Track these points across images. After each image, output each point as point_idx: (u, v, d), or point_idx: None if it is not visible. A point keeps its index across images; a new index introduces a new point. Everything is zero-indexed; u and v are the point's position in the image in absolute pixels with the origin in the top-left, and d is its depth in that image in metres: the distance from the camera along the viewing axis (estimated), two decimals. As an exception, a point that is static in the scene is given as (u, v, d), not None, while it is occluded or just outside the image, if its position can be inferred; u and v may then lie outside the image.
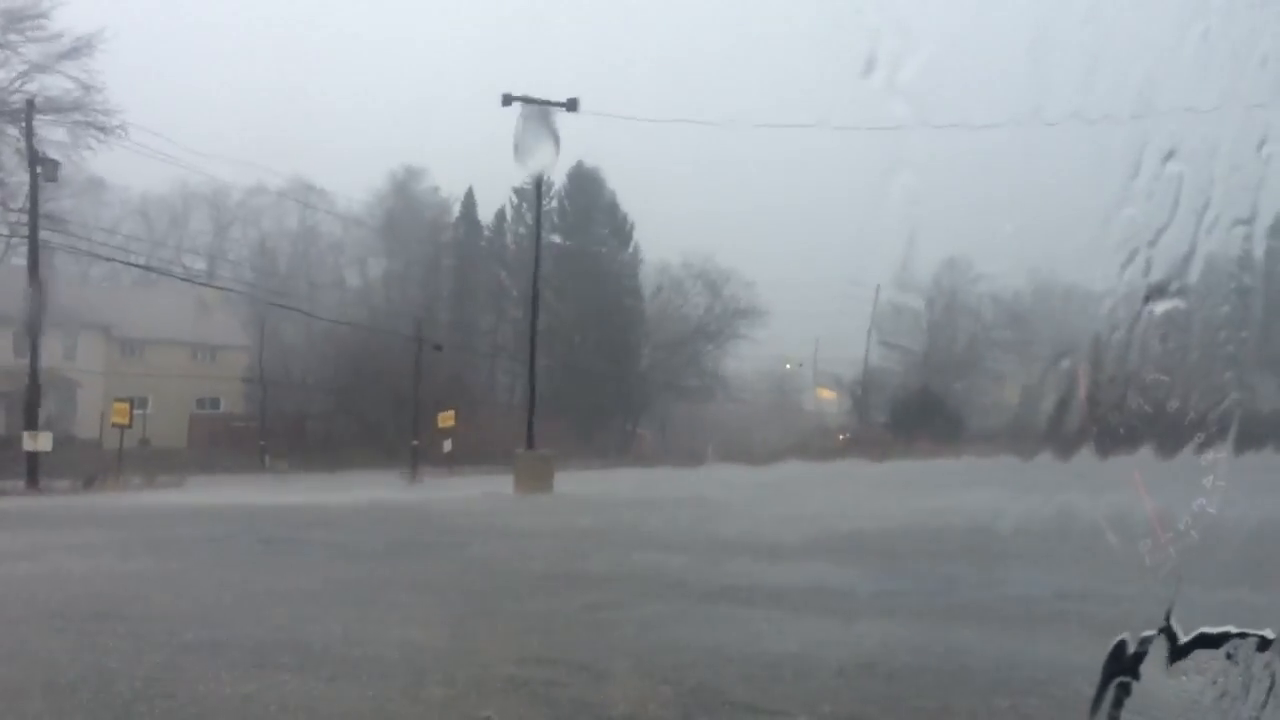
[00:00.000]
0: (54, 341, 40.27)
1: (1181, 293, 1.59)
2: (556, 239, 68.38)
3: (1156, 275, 1.59)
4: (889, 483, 24.33)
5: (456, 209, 73.00)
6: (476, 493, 24.97)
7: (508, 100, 28.97)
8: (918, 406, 55.69)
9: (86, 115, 40.51)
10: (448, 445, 46.66)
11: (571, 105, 28.88)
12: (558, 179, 67.72)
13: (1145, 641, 1.47)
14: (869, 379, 62.54)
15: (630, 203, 68.88)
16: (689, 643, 7.02)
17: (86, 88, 41.01)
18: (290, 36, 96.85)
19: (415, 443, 48.54)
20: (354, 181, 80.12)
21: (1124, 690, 1.46)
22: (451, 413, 47.71)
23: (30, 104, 34.36)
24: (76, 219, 45.88)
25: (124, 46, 46.27)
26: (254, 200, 69.97)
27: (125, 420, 33.73)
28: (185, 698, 5.68)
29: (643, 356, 70.58)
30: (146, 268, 58.36)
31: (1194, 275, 1.60)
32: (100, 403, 47.18)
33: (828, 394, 67.17)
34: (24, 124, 33.54)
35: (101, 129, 40.43)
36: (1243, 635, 1.44)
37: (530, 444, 28.22)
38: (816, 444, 55.66)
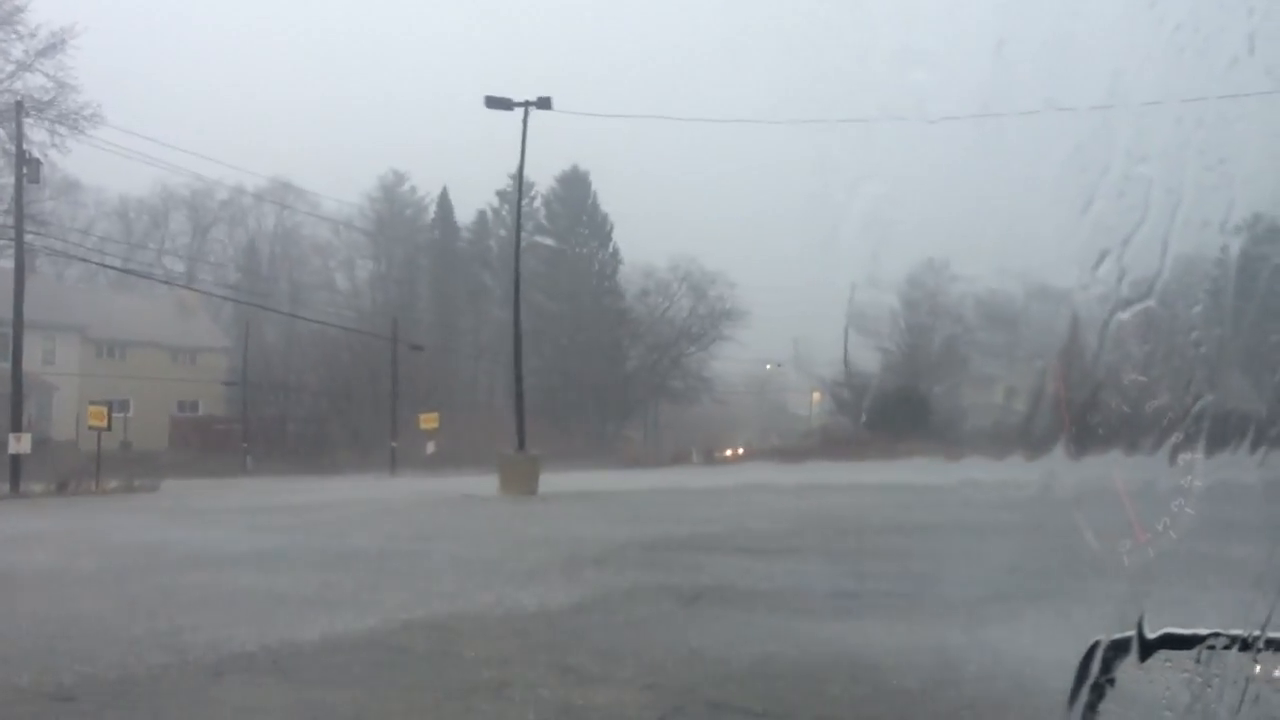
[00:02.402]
0: (32, 344, 39.87)
1: (1153, 293, 1.59)
2: (549, 242, 68.47)
3: (1129, 275, 1.58)
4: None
5: (432, 210, 73.11)
6: (458, 494, 24.89)
7: (491, 103, 28.98)
8: (898, 407, 55.83)
9: (62, 113, 40.19)
10: (431, 447, 46.58)
11: (543, 103, 28.87)
12: (545, 181, 67.90)
13: (1119, 643, 1.47)
14: (850, 380, 62.67)
15: (619, 205, 69.11)
16: (671, 644, 7.01)
17: (61, 85, 40.71)
18: (271, 36, 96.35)
19: (394, 444, 48.46)
20: (337, 183, 79.95)
21: (1098, 692, 1.45)
22: (435, 415, 47.65)
23: (19, 105, 34.11)
24: (53, 220, 45.62)
25: (101, 45, 45.89)
26: (235, 201, 69.70)
27: (102, 423, 33.39)
28: (162, 705, 5.63)
29: (630, 358, 70.66)
30: (126, 270, 58.05)
31: (1166, 275, 1.60)
32: (77, 405, 46.79)
33: (820, 396, 67.31)
34: (12, 124, 33.29)
35: (76, 127, 40.11)
36: (1216, 635, 1.44)
37: (521, 445, 28.14)
38: (802, 445, 55.71)
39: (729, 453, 60.21)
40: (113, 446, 38.65)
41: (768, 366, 70.29)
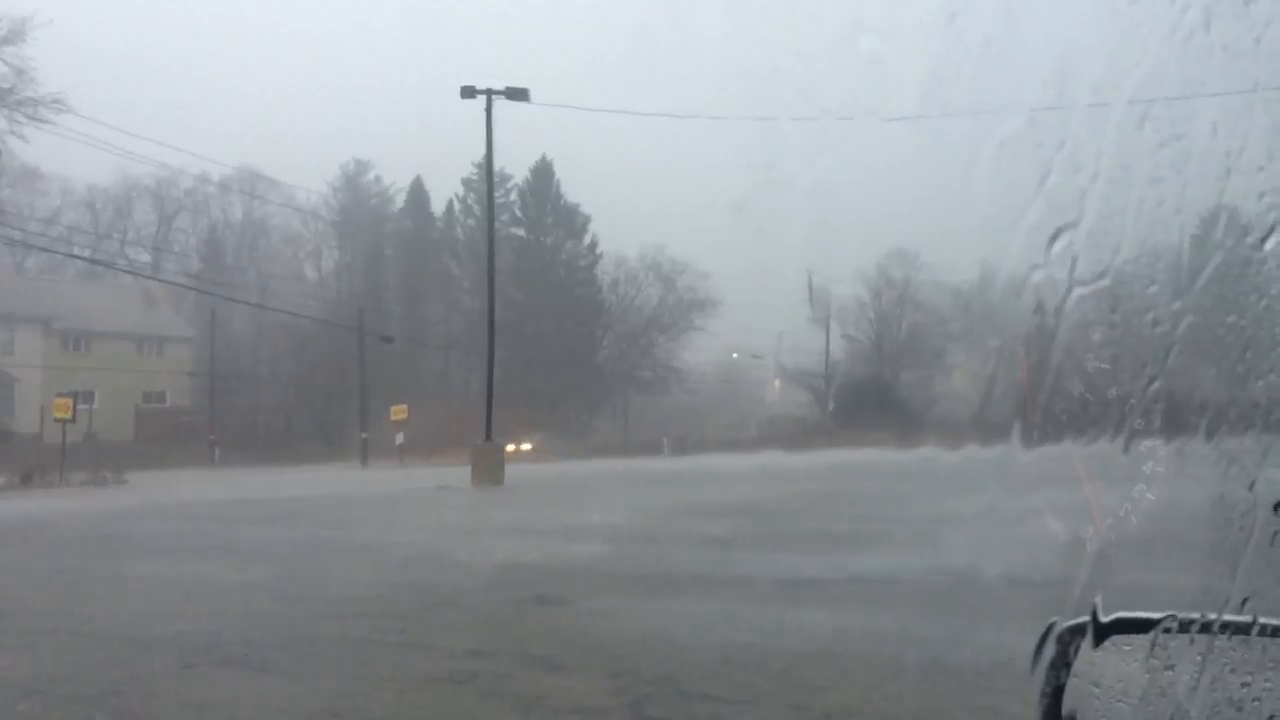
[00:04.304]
0: (-6, 335, 39.32)
1: (1109, 273, 1.59)
2: (520, 232, 68.31)
3: (1084, 255, 1.58)
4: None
5: (401, 199, 72.80)
6: (429, 485, 24.79)
7: (467, 93, 28.78)
8: (864, 395, 56.17)
9: (21, 101, 39.53)
10: (400, 439, 46.42)
11: (520, 95, 28.73)
12: (518, 172, 67.73)
13: (1075, 627, 1.47)
14: (817, 369, 62.99)
15: (591, 196, 68.96)
16: (640, 633, 7.01)
17: (20, 73, 40.05)
18: (238, 24, 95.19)
19: (364, 435, 48.23)
20: (308, 173, 79.31)
21: (1055, 675, 1.46)
22: (404, 406, 47.51)
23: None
24: (11, 209, 44.94)
25: (63, 31, 45.24)
26: (200, 190, 68.83)
27: (68, 415, 32.95)
28: (129, 697, 5.57)
29: (602, 349, 70.61)
30: (88, 259, 57.31)
31: (1123, 255, 1.60)
32: (40, 397, 46.16)
33: (778, 384, 67.69)
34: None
35: (36, 116, 39.46)
36: (1172, 618, 1.45)
37: (489, 435, 28.06)
38: (779, 434, 55.81)
39: (511, 448, 52.04)
40: (77, 439, 38.17)
41: (734, 355, 70.42)
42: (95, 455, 37.16)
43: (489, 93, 28.62)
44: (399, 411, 47.54)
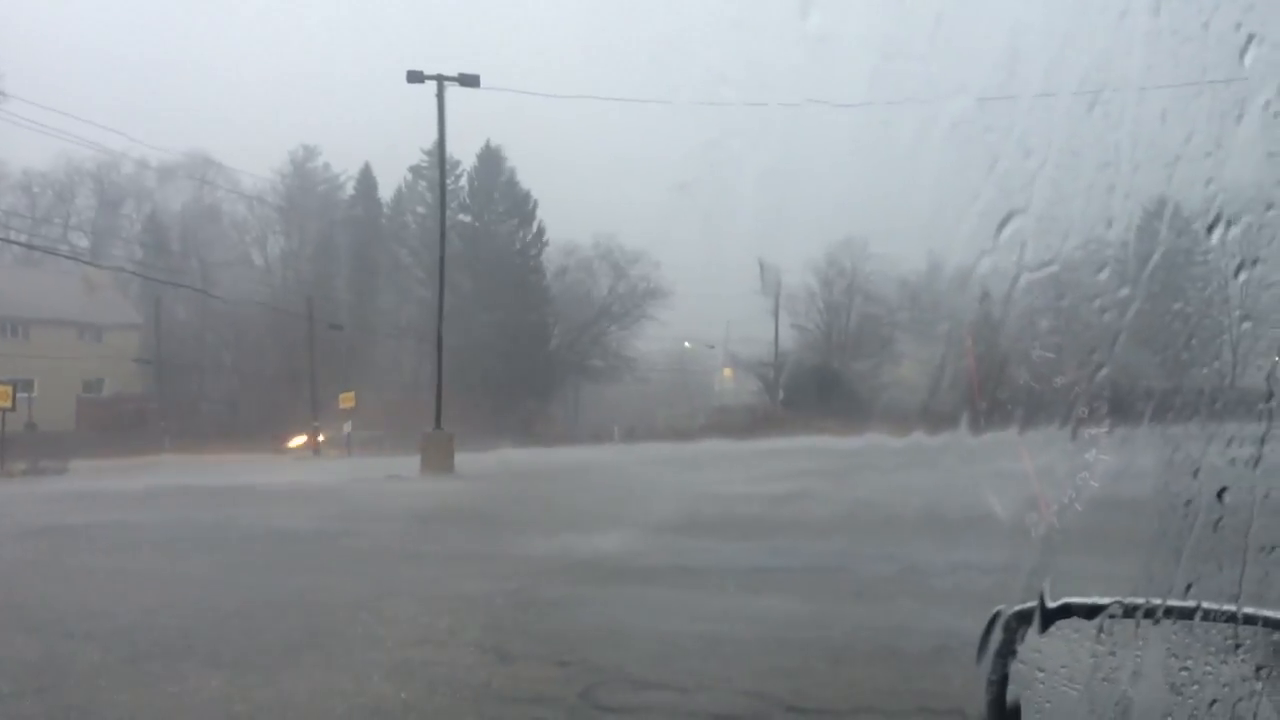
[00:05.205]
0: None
1: (1058, 259, 1.60)
2: (466, 219, 67.79)
3: (1033, 241, 1.59)
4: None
5: (350, 186, 72.04)
6: (380, 474, 24.57)
7: (414, 78, 28.45)
8: (814, 384, 56.57)
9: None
10: (348, 427, 45.98)
11: (472, 81, 28.47)
12: (466, 158, 67.13)
13: (1022, 613, 1.48)
14: (767, 358, 63.35)
15: (543, 184, 68.48)
16: (592, 623, 7.02)
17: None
18: (185, 8, 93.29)
19: (316, 424, 47.73)
20: (257, 159, 78.16)
21: (1003, 661, 1.46)
22: (351, 394, 47.05)
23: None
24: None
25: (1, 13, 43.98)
26: (143, 175, 67.39)
27: (7, 403, 32.18)
28: (71, 691, 5.46)
29: (552, 337, 70.36)
30: (28, 245, 56.04)
31: (1071, 241, 1.61)
32: (-22, 385, 44.99)
33: (730, 373, 67.96)
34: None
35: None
36: (1118, 604, 1.46)
37: (438, 424, 27.87)
38: (707, 423, 56.01)
39: (295, 443, 47.92)
40: (16, 428, 37.30)
41: (685, 345, 70.56)
42: (36, 444, 36.34)
43: (440, 78, 28.32)
44: (347, 399, 47.04)
